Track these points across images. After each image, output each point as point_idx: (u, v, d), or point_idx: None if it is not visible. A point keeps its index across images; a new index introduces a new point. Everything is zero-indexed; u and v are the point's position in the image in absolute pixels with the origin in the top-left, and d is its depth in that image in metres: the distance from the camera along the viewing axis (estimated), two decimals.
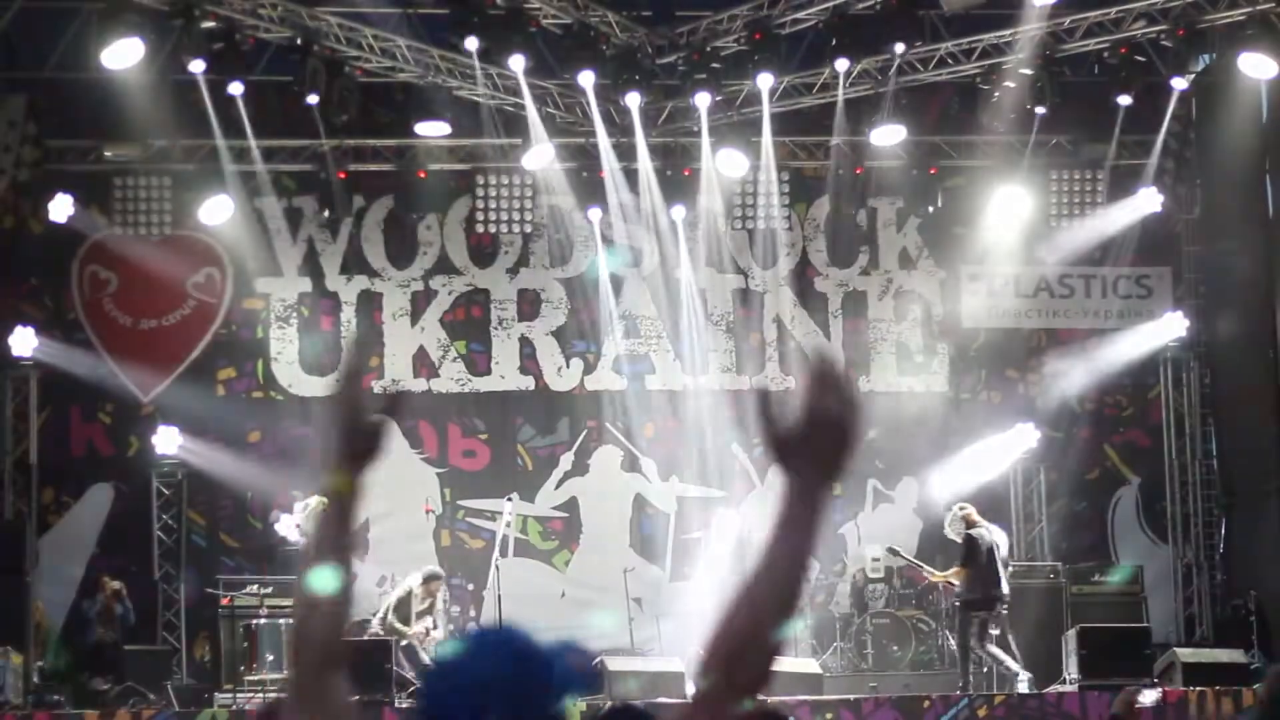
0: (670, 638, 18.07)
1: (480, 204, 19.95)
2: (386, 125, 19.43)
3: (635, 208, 19.88)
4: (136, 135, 18.75)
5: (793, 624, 2.52)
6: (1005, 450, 19.66)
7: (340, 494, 2.79)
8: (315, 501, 16.72)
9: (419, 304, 19.95)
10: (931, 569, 17.54)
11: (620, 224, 20.03)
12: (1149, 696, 14.61)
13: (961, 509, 17.19)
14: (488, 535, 19.13)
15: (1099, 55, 18.71)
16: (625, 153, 19.55)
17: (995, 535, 16.93)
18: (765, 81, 18.52)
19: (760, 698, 2.67)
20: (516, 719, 2.51)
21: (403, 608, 16.87)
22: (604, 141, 19.33)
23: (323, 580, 2.57)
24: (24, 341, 18.66)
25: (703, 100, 18.64)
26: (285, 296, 19.81)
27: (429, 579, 17.15)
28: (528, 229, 20.03)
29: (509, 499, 17.89)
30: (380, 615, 16.92)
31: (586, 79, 18.50)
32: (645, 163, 19.55)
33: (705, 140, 19.09)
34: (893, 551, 18.27)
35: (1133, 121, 19.26)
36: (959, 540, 17.01)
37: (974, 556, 16.70)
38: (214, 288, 19.70)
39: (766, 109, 18.96)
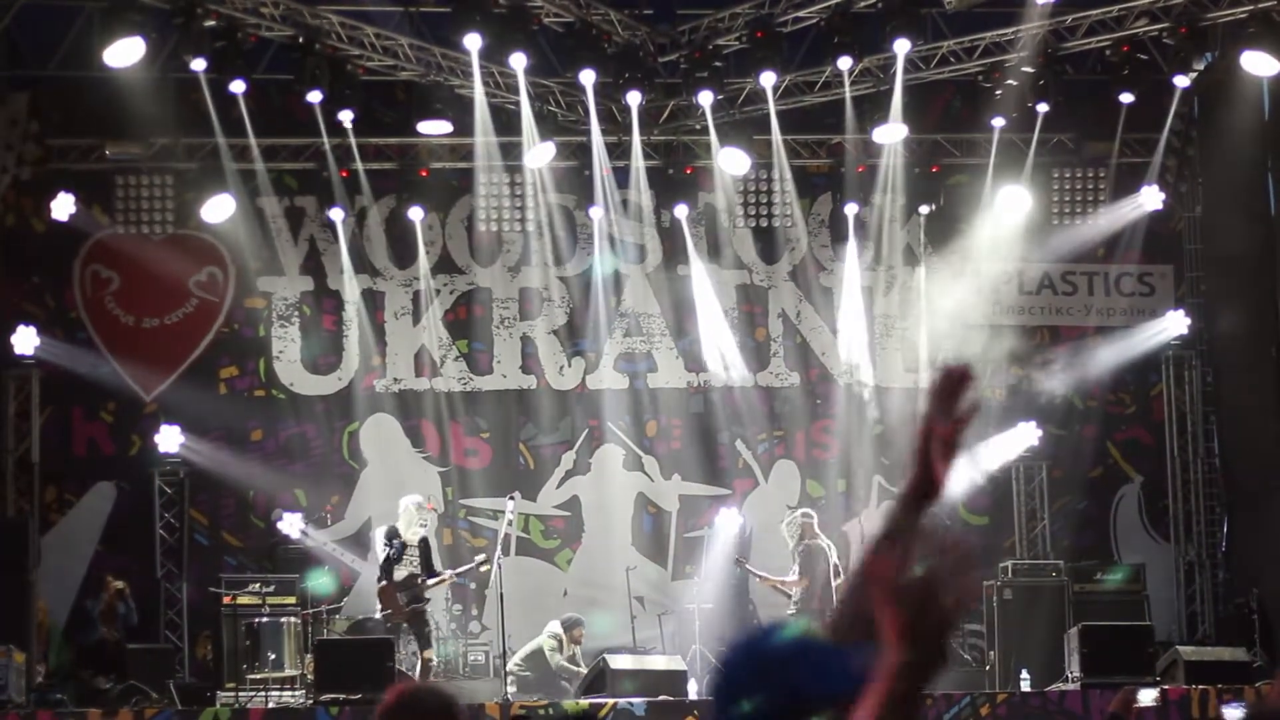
0: (672, 636, 18.06)
1: (482, 202, 19.93)
2: (388, 124, 19.43)
3: (637, 205, 19.87)
4: (138, 134, 18.73)
5: None
6: (1008, 448, 19.65)
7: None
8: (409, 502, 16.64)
9: (420, 303, 19.94)
10: (771, 576, 17.35)
11: (622, 221, 20.02)
12: (1147, 696, 14.61)
13: (804, 516, 16.98)
14: (490, 534, 19.12)
15: (1101, 53, 18.71)
16: (626, 151, 19.53)
17: (829, 548, 16.64)
18: (768, 80, 18.50)
19: None
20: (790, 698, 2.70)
21: (555, 655, 17.53)
22: (605, 139, 19.31)
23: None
24: (26, 340, 18.64)
25: (706, 98, 18.63)
26: (287, 295, 19.82)
27: (571, 626, 17.69)
28: (529, 227, 20.01)
29: (511, 498, 17.88)
30: (521, 658, 17.52)
31: (588, 77, 18.48)
32: (647, 160, 19.52)
33: (713, 138, 19.05)
34: (739, 563, 18.24)
35: (1135, 119, 19.23)
36: (791, 543, 16.84)
37: (813, 568, 16.46)
38: (216, 286, 19.70)
39: (773, 107, 18.94)
